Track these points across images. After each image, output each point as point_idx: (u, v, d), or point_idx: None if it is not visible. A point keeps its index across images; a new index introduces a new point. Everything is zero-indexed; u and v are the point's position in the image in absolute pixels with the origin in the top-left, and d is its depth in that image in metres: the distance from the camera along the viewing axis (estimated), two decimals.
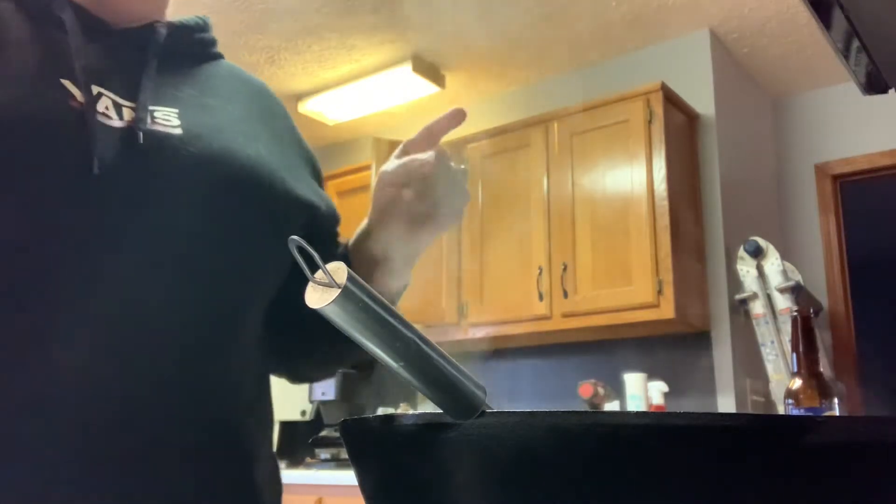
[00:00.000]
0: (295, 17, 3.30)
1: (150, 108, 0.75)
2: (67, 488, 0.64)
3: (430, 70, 3.66)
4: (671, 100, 3.16)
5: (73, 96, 0.70)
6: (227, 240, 0.76)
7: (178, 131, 0.75)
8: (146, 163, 0.72)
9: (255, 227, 0.78)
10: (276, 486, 0.83)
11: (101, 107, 0.72)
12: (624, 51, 3.53)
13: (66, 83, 0.71)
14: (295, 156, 0.88)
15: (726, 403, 3.03)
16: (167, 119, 0.75)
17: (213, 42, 0.88)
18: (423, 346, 0.41)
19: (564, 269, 3.15)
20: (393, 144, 0.86)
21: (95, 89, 0.72)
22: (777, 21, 3.27)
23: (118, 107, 0.73)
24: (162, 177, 0.72)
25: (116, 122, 0.72)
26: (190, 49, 0.84)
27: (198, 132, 0.76)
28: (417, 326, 0.42)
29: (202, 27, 0.87)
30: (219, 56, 0.89)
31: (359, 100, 3.85)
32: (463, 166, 0.88)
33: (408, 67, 3.57)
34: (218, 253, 0.75)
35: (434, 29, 3.37)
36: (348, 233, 0.96)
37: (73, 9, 0.76)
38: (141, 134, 0.72)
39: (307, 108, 3.87)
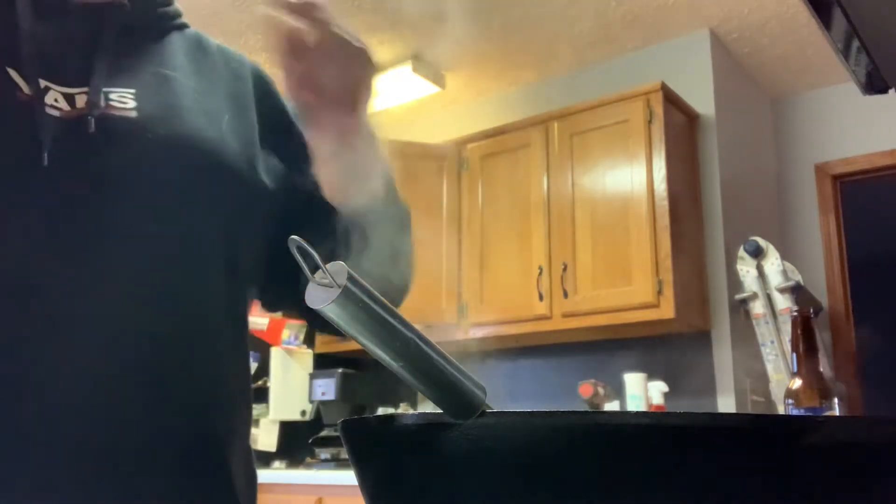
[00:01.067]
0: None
1: (106, 89, 0.72)
2: (58, 485, 0.65)
3: (430, 70, 3.66)
4: (671, 100, 3.16)
5: (19, 87, 0.68)
6: (190, 227, 0.73)
7: (134, 114, 0.72)
8: (99, 151, 0.69)
9: (217, 213, 0.75)
10: (250, 472, 0.82)
11: (49, 99, 0.69)
12: (624, 51, 3.53)
13: (12, 72, 0.68)
14: (256, 127, 0.83)
15: (726, 403, 3.03)
16: (122, 101, 0.73)
17: (176, 14, 0.85)
18: (423, 346, 0.41)
19: (564, 269, 3.15)
20: (393, 144, 0.84)
21: (43, 83, 0.70)
22: (777, 21, 3.27)
23: (69, 97, 0.71)
24: (118, 164, 0.70)
25: (67, 112, 0.70)
26: (152, 24, 0.81)
27: (155, 114, 0.73)
28: (417, 326, 0.42)
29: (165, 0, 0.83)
30: (184, 26, 0.86)
31: None
32: (358, 43, 0.72)
33: (408, 67, 3.57)
34: (179, 241, 0.73)
35: (434, 29, 3.37)
36: None
37: None
38: (92, 121, 0.69)
39: None
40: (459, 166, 3.56)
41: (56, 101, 0.70)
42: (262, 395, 3.67)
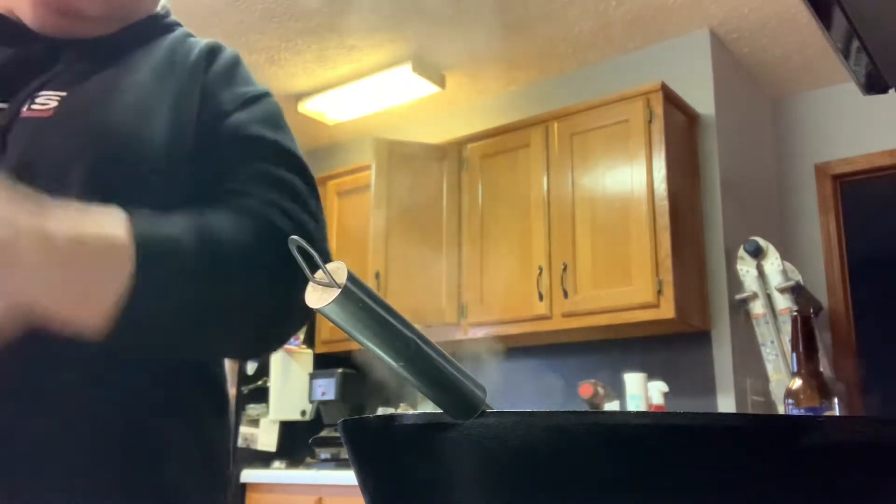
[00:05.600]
0: (295, 17, 3.30)
1: (41, 93, 0.76)
2: None
3: (430, 70, 3.66)
4: (671, 100, 3.16)
5: None
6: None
7: (49, 114, 0.75)
8: (5, 154, 0.73)
9: (128, 202, 0.74)
10: (210, 477, 0.80)
11: None
12: (624, 51, 3.53)
13: None
14: (191, 128, 0.81)
15: (726, 403, 3.03)
16: (44, 104, 0.75)
17: (154, 25, 0.87)
18: (423, 346, 0.41)
19: (564, 269, 3.15)
20: (393, 144, 0.83)
21: None
22: (777, 21, 3.27)
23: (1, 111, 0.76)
24: (27, 164, 0.72)
25: None
26: (124, 41, 0.84)
27: (74, 110, 0.75)
28: (417, 326, 0.42)
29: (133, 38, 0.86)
30: (171, 28, 0.88)
31: (359, 100, 3.85)
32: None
33: (408, 67, 3.57)
34: None
35: (434, 29, 3.37)
36: (348, 233, 0.90)
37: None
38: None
39: (307, 108, 3.87)
40: (459, 166, 3.56)
41: None
42: (262, 395, 3.67)
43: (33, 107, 0.75)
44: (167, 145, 0.78)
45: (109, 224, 0.64)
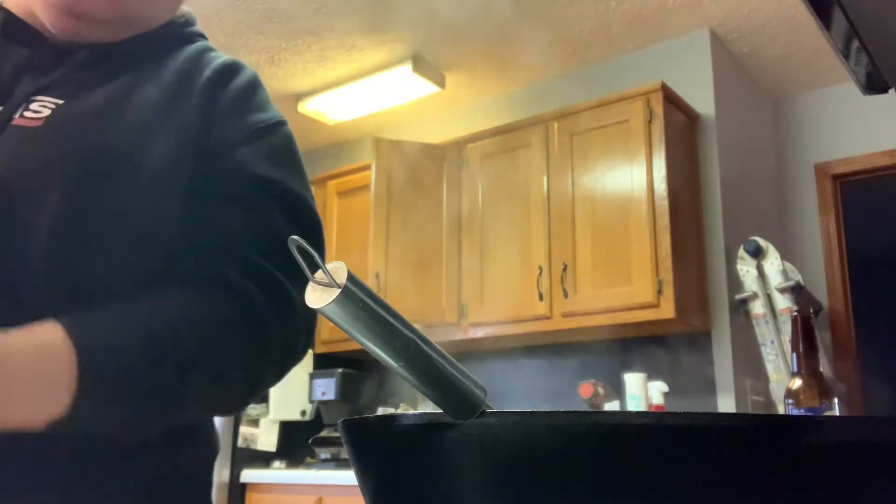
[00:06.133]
0: (295, 17, 3.30)
1: (36, 97, 0.74)
2: None
3: (430, 70, 3.66)
4: (671, 100, 3.16)
5: None
6: (81, 235, 0.70)
7: (39, 123, 0.72)
8: None
9: (112, 224, 0.71)
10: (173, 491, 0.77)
11: None
12: (624, 51, 3.53)
13: None
14: (189, 149, 0.77)
15: (726, 403, 3.03)
16: (37, 112, 0.73)
17: (171, 36, 0.85)
18: (423, 346, 0.41)
19: (564, 269, 3.15)
20: (393, 144, 0.81)
21: None
22: (777, 21, 3.27)
23: None
24: (9, 176, 0.69)
25: None
26: (135, 49, 0.82)
27: (66, 123, 0.73)
28: (417, 326, 0.42)
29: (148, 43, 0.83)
30: (191, 39, 0.86)
31: (359, 100, 3.85)
32: None
33: (408, 67, 3.57)
34: (65, 254, 0.69)
35: (434, 29, 3.37)
36: (348, 233, 0.87)
37: (3, 19, 0.80)
38: None
39: (307, 108, 3.87)
40: (459, 166, 3.56)
41: None
42: (262, 395, 3.67)
43: (25, 114, 0.73)
44: (161, 174, 0.74)
45: (42, 333, 0.61)
